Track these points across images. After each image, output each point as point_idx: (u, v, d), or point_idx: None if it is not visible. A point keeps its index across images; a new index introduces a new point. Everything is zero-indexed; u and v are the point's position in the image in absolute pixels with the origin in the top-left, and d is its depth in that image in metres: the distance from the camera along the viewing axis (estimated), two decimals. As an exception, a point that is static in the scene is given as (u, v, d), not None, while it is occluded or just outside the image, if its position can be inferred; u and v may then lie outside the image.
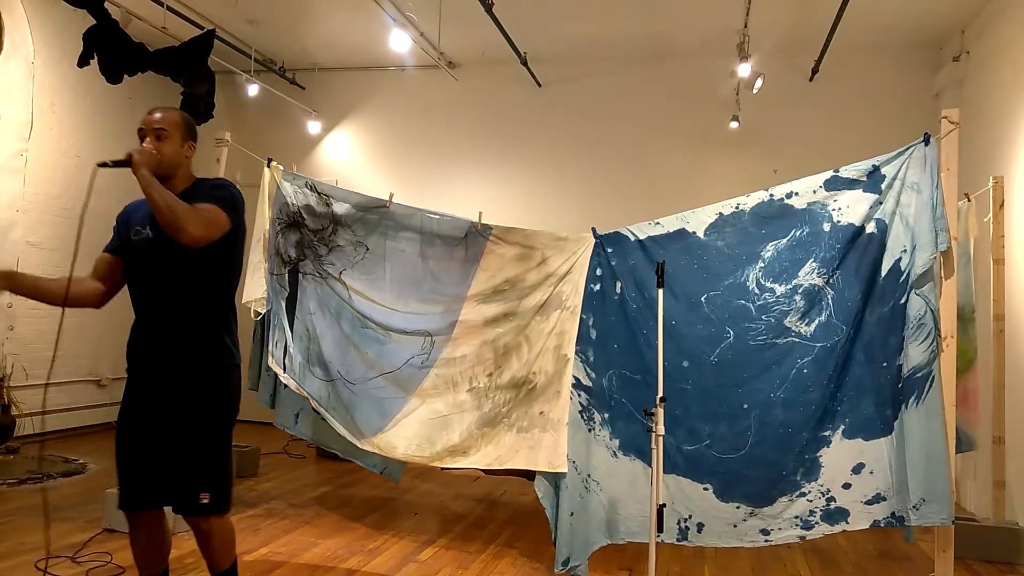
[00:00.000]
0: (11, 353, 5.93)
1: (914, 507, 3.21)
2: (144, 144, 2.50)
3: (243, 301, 4.49)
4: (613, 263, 3.78)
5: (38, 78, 6.22)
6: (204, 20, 6.37)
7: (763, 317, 3.49)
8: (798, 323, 3.45)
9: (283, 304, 4.28)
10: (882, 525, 3.34)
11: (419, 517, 4.65)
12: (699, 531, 3.51)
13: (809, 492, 3.39)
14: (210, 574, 2.69)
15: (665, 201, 5.20)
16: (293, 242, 4.30)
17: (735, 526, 3.47)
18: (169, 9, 5.87)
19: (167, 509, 2.60)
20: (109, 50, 4.94)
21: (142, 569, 2.65)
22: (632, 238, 3.76)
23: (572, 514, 3.55)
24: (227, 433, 2.62)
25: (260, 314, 4.47)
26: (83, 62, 4.92)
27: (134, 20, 5.32)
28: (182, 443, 2.50)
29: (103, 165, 2.40)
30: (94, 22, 4.83)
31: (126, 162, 2.36)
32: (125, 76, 5.12)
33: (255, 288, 4.51)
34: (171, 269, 2.51)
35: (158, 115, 2.54)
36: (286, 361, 4.19)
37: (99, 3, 4.78)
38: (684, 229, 3.67)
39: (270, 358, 4.22)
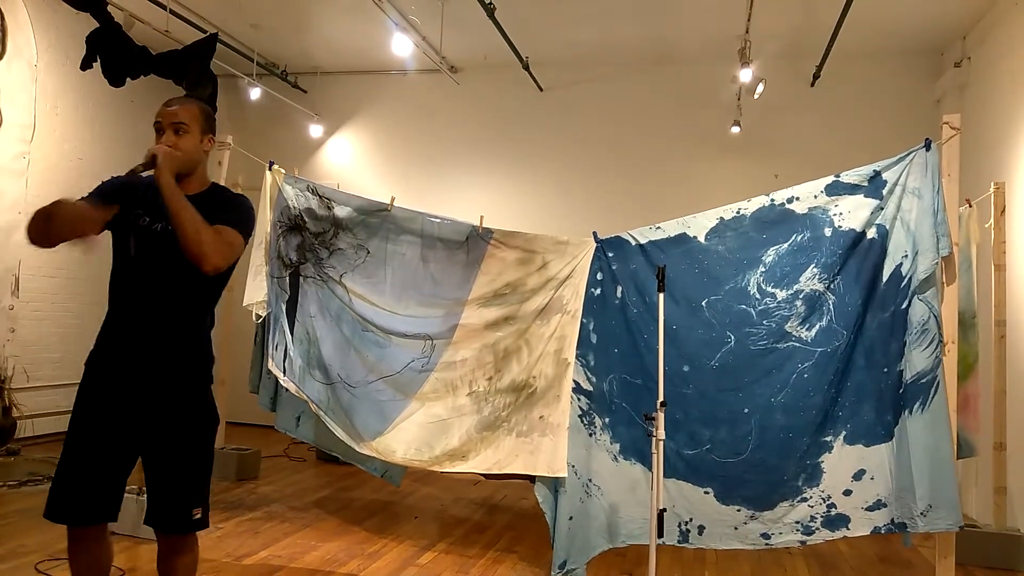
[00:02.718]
0: (12, 355, 5.93)
1: (921, 513, 3.20)
2: (162, 140, 2.30)
3: (244, 304, 4.50)
4: (614, 267, 3.78)
5: (41, 81, 6.23)
6: (207, 24, 6.39)
7: (764, 322, 3.49)
8: (799, 328, 3.45)
9: (284, 307, 4.28)
10: (883, 532, 3.35)
11: (419, 521, 4.64)
12: (700, 533, 3.51)
13: (810, 497, 3.39)
14: None
15: (666, 205, 5.20)
16: (294, 245, 4.30)
17: (736, 528, 3.47)
18: (172, 13, 5.89)
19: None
20: (112, 53, 4.96)
21: None
22: (633, 242, 3.76)
23: (571, 518, 3.55)
24: (212, 445, 2.47)
25: (261, 317, 4.48)
26: (86, 65, 4.93)
27: (137, 23, 5.33)
28: (177, 457, 2.32)
29: (134, 172, 2.20)
30: (97, 25, 4.85)
31: (150, 164, 2.19)
32: (128, 79, 5.14)
33: (256, 291, 4.51)
34: (173, 271, 2.30)
35: (176, 107, 2.34)
36: (286, 364, 4.19)
37: (102, 6, 4.79)
38: (685, 234, 3.68)
39: (270, 361, 4.22)
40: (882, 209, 3.40)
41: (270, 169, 4.46)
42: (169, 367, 2.34)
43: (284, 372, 4.18)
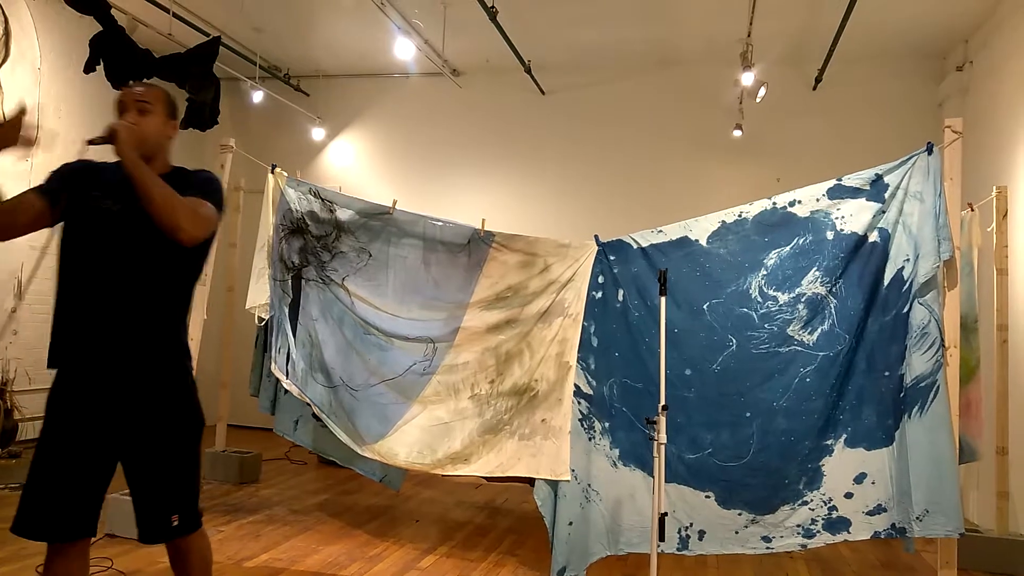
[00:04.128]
0: (14, 357, 5.94)
1: (917, 518, 3.20)
2: (126, 118, 2.20)
3: (246, 307, 4.51)
4: (615, 271, 3.78)
5: (44, 84, 6.25)
6: (210, 27, 6.40)
7: (766, 325, 3.49)
8: (801, 332, 3.45)
9: (286, 310, 4.28)
10: (883, 536, 3.34)
11: (420, 524, 4.64)
12: (700, 539, 3.50)
13: (811, 501, 3.39)
14: None
15: (668, 209, 5.20)
16: (296, 248, 4.31)
17: (736, 533, 3.46)
18: (175, 16, 5.90)
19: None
20: (115, 56, 4.97)
21: None
22: (635, 246, 3.76)
23: (571, 523, 3.54)
24: (198, 447, 2.32)
25: (264, 320, 4.48)
26: (89, 68, 4.94)
27: (140, 27, 5.35)
28: (151, 464, 2.20)
29: (91, 142, 2.12)
30: (100, 28, 4.86)
31: (108, 139, 2.07)
32: (131, 82, 5.15)
33: (258, 294, 4.52)
34: (139, 254, 2.15)
35: (140, 88, 2.30)
36: (289, 367, 4.20)
37: (106, 9, 4.80)
38: (687, 237, 3.68)
39: (273, 364, 4.23)
40: (884, 213, 3.40)
41: (272, 172, 4.47)
42: (137, 362, 2.18)
43: (287, 375, 4.19)
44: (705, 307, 3.58)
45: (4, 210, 2.09)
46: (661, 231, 3.73)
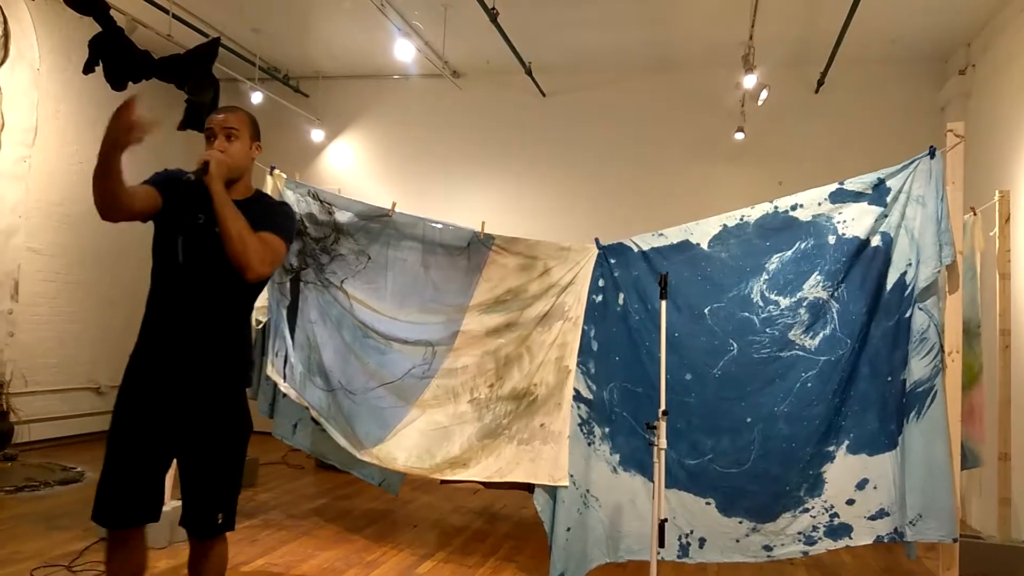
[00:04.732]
0: (11, 359, 5.92)
1: (910, 522, 3.18)
2: (215, 145, 2.37)
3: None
4: (616, 274, 3.76)
5: (43, 84, 6.23)
6: (209, 28, 6.39)
7: (767, 330, 3.46)
8: (802, 336, 3.42)
9: (284, 313, 4.26)
10: (885, 540, 3.31)
11: (418, 530, 4.61)
12: (701, 546, 3.47)
13: (812, 508, 3.36)
14: None
15: (669, 212, 5.18)
16: (295, 250, 4.28)
17: (737, 541, 3.43)
18: (174, 17, 5.89)
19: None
20: (114, 57, 4.94)
21: None
22: (635, 249, 3.74)
23: (568, 529, 3.52)
24: (244, 451, 2.50)
25: (261, 322, 4.45)
26: (88, 69, 4.92)
27: (139, 27, 5.33)
28: (206, 464, 2.37)
29: (186, 179, 2.27)
30: (99, 29, 4.84)
31: (203, 171, 2.26)
32: (130, 83, 5.12)
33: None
34: (217, 268, 2.31)
35: (226, 114, 2.45)
36: (286, 370, 4.17)
37: (105, 10, 4.78)
38: (688, 240, 3.65)
39: (270, 367, 4.20)
40: (886, 217, 3.38)
41: (271, 174, 4.45)
42: (209, 370, 2.36)
43: (284, 378, 4.16)
44: (706, 311, 3.55)
45: (128, 192, 2.19)
46: (662, 234, 3.71)
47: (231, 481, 2.44)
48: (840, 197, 3.45)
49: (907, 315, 3.31)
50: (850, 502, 3.32)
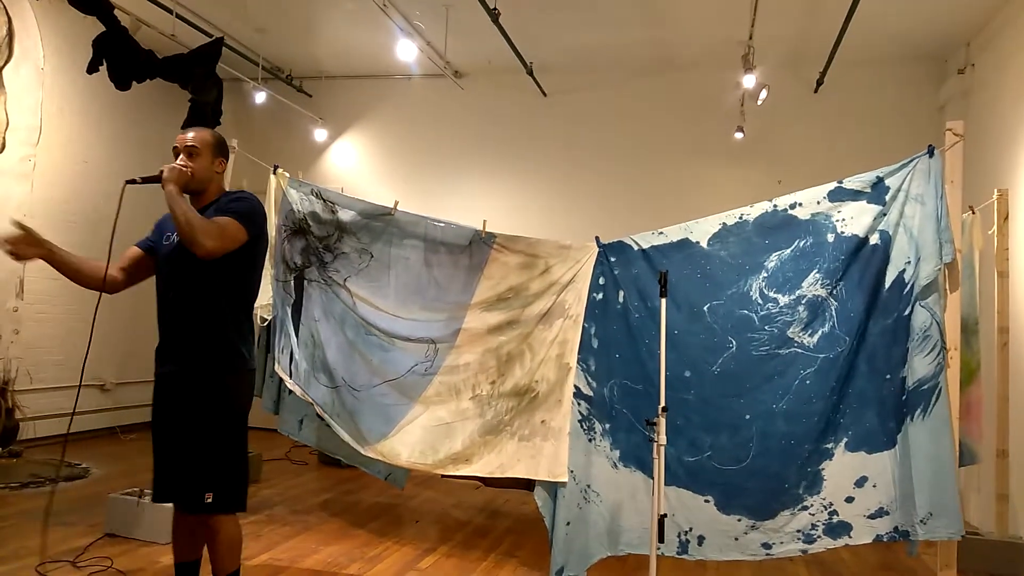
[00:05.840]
0: (16, 357, 5.95)
1: (921, 521, 3.19)
2: (177, 161, 2.69)
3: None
4: (616, 272, 3.78)
5: (48, 84, 6.26)
6: (213, 28, 6.42)
7: (766, 327, 3.48)
8: (801, 334, 3.45)
9: (288, 311, 4.29)
10: (885, 540, 3.32)
11: (420, 525, 4.64)
12: (700, 544, 3.49)
13: (811, 506, 3.38)
14: None
15: (669, 210, 5.21)
16: (299, 249, 4.31)
17: (736, 539, 3.45)
18: (178, 17, 5.92)
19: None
20: (118, 57, 4.98)
21: (175, 554, 2.84)
22: (635, 247, 3.76)
23: (568, 523, 3.55)
24: (233, 434, 2.69)
25: (267, 320, 4.49)
26: (92, 68, 4.96)
27: (143, 27, 5.36)
28: (188, 443, 2.62)
29: (132, 182, 2.60)
30: (104, 29, 4.88)
31: (156, 178, 2.58)
32: (134, 83, 5.16)
33: (261, 295, 4.51)
34: (189, 275, 2.64)
35: (190, 134, 2.75)
36: (292, 368, 4.21)
37: (109, 10, 4.82)
38: (687, 239, 3.68)
39: (276, 364, 4.24)
40: (885, 215, 3.40)
41: (275, 173, 4.48)
42: (187, 354, 2.66)
43: (290, 375, 4.20)
44: (705, 309, 3.58)
45: (93, 272, 2.70)
46: (662, 233, 3.74)
47: (215, 460, 2.63)
48: (839, 196, 3.47)
49: (906, 313, 3.33)
50: (849, 500, 3.34)
